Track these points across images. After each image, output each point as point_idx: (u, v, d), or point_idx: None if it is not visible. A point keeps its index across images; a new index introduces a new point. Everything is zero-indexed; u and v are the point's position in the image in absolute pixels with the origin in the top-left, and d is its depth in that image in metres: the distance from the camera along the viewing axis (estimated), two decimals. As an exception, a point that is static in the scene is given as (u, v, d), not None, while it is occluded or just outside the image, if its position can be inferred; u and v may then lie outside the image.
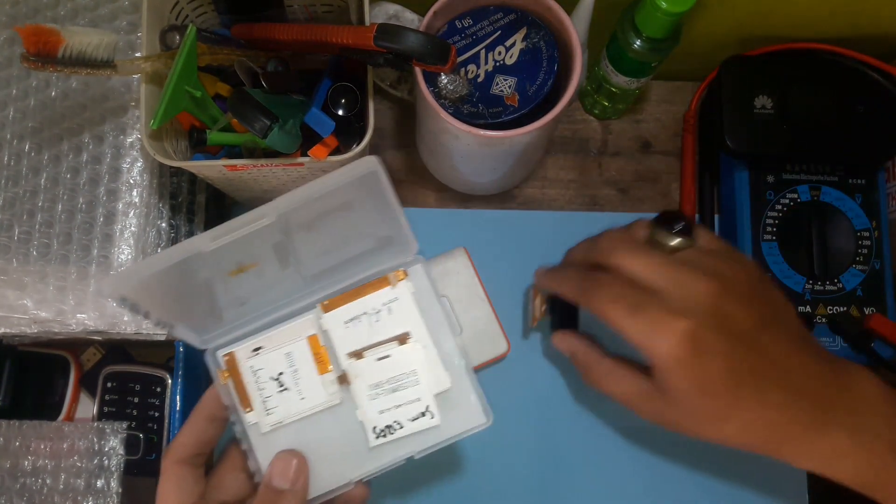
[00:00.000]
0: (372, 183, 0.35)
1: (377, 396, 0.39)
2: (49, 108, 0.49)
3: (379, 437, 0.39)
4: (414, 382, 0.39)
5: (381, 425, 0.39)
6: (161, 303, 0.38)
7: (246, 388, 0.39)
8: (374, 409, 0.39)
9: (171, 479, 0.39)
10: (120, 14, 0.49)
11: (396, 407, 0.39)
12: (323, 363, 0.40)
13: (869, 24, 0.54)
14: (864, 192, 0.56)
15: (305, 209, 0.35)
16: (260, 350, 0.40)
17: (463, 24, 0.47)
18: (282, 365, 0.40)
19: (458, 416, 0.39)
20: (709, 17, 0.53)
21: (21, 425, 0.52)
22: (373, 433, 0.39)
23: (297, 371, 0.39)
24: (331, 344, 0.40)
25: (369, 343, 0.40)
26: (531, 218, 0.60)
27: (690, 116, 0.61)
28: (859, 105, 0.54)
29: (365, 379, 0.39)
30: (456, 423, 0.39)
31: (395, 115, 0.62)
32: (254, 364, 0.40)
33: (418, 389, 0.39)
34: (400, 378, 0.39)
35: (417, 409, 0.39)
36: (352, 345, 0.40)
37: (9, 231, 0.48)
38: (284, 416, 0.39)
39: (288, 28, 0.42)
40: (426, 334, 0.40)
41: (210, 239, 0.34)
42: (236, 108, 0.39)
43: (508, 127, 0.44)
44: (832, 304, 0.55)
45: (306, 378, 0.39)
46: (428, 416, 0.38)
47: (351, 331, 0.40)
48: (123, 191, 0.48)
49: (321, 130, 0.43)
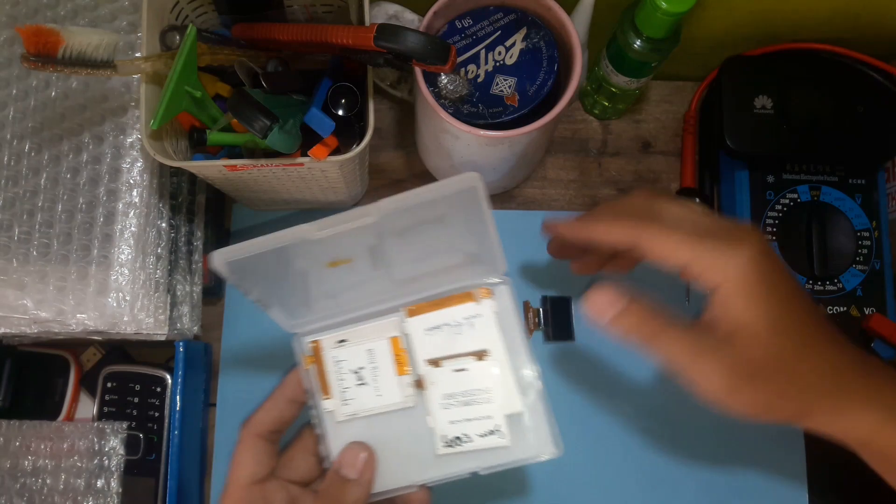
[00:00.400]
0: (470, 199, 0.35)
1: (449, 406, 0.39)
2: (49, 108, 0.49)
3: (447, 447, 0.39)
4: (487, 399, 0.39)
5: (450, 435, 0.39)
6: (261, 282, 0.38)
7: (327, 377, 0.41)
8: (446, 418, 0.39)
9: (248, 450, 0.41)
10: (120, 14, 0.49)
11: (467, 420, 0.39)
12: (402, 365, 0.40)
13: (869, 24, 0.54)
14: (864, 192, 0.56)
15: (403, 215, 0.36)
16: (344, 343, 0.41)
17: (463, 25, 0.47)
18: (363, 360, 0.40)
19: (528, 441, 0.39)
20: (709, 17, 0.53)
21: (21, 425, 0.52)
22: (441, 441, 0.39)
23: (376, 368, 0.40)
24: (411, 348, 0.40)
25: (448, 353, 0.40)
26: (531, 218, 0.60)
27: (690, 116, 0.61)
28: (859, 105, 0.54)
29: (440, 387, 0.40)
30: (525, 447, 0.39)
31: (395, 115, 0.62)
32: (337, 355, 0.41)
33: (491, 407, 0.39)
34: (474, 393, 0.39)
35: (487, 427, 0.39)
36: (431, 352, 0.40)
37: (9, 231, 0.48)
38: (359, 408, 0.40)
39: (288, 28, 0.42)
40: (504, 355, 0.39)
41: (317, 228, 0.35)
42: (236, 108, 0.39)
43: (508, 127, 0.44)
44: (832, 304, 0.55)
45: (384, 376, 0.40)
46: (497, 435, 0.39)
47: (431, 338, 0.40)
48: (123, 191, 0.48)
49: (321, 130, 0.43)
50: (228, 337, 0.58)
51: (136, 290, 0.48)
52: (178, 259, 0.53)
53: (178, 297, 0.52)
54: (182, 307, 0.52)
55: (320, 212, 0.59)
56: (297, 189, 0.50)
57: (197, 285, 0.54)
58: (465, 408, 0.39)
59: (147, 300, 0.49)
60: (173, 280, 0.52)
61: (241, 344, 0.58)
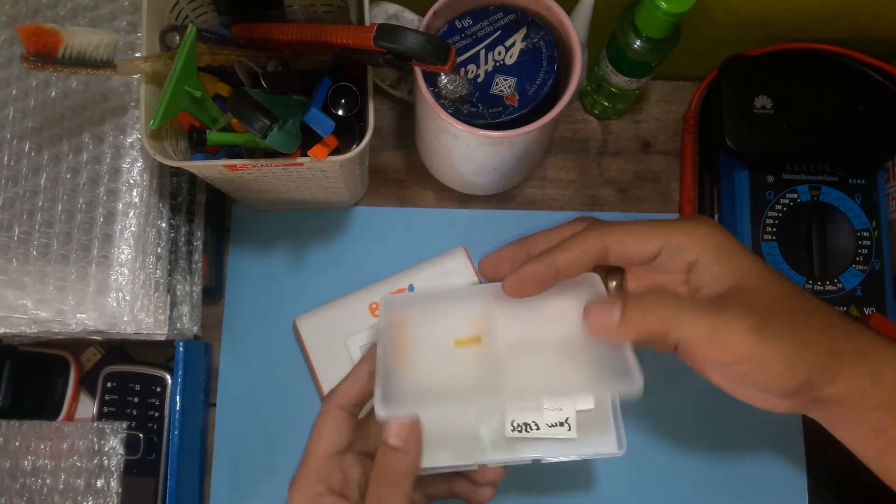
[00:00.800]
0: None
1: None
2: (49, 108, 0.49)
3: (514, 431, 0.39)
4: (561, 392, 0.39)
5: (519, 420, 0.39)
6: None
7: (407, 347, 0.41)
8: (519, 403, 0.39)
9: (330, 420, 0.41)
10: (120, 14, 0.49)
11: (538, 409, 0.39)
12: (484, 347, 0.40)
13: (869, 24, 0.54)
14: (864, 192, 0.56)
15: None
16: (430, 317, 0.41)
17: (463, 24, 0.47)
18: (446, 336, 0.40)
19: (594, 437, 0.39)
20: (709, 17, 0.53)
21: (21, 425, 0.52)
22: (510, 425, 0.39)
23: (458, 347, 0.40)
24: (496, 329, 0.40)
25: (532, 338, 0.40)
26: (531, 218, 0.60)
27: (690, 116, 0.61)
28: (859, 105, 0.54)
29: (518, 372, 0.40)
30: (590, 442, 0.39)
31: (395, 115, 0.62)
32: (421, 327, 0.41)
33: (563, 400, 0.39)
34: (550, 383, 0.39)
35: (558, 418, 0.39)
36: (515, 334, 0.40)
37: (9, 231, 0.48)
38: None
39: (288, 28, 0.42)
40: (581, 352, 0.39)
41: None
42: (236, 108, 0.39)
43: (508, 127, 0.44)
44: (832, 304, 0.55)
45: (464, 354, 0.40)
46: (566, 428, 0.39)
47: (518, 323, 0.40)
48: (123, 191, 0.48)
49: (321, 130, 0.43)
50: (228, 337, 0.58)
51: (136, 290, 0.48)
52: (178, 259, 0.53)
53: (178, 297, 0.52)
54: (182, 307, 0.52)
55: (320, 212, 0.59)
56: (297, 189, 0.50)
57: (197, 285, 0.54)
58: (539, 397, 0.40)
59: (147, 300, 0.49)
60: (173, 280, 0.52)
61: (241, 344, 0.58)
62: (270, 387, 0.57)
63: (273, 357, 0.57)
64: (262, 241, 0.59)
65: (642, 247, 0.36)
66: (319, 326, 0.55)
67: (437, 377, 0.39)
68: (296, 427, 0.56)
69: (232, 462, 0.56)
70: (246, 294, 0.58)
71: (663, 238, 0.36)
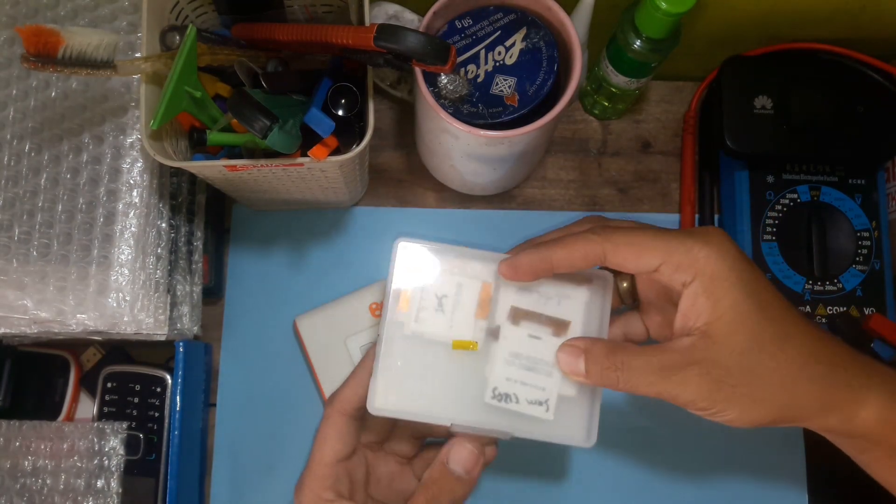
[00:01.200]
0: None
1: (512, 364, 0.40)
2: (49, 108, 0.49)
3: (494, 399, 0.39)
4: (548, 373, 0.40)
5: (501, 389, 0.40)
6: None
7: (409, 293, 0.41)
8: (503, 373, 0.40)
9: (333, 428, 0.41)
10: (120, 14, 0.49)
11: (522, 384, 0.40)
12: (484, 310, 0.41)
13: (869, 24, 0.54)
14: (864, 192, 0.56)
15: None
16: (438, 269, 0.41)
17: (463, 25, 0.47)
18: (449, 290, 0.41)
19: (567, 424, 0.40)
20: (709, 17, 0.53)
21: (21, 425, 0.52)
22: (491, 392, 0.40)
23: (458, 303, 0.41)
24: (497, 297, 0.41)
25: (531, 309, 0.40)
26: (531, 218, 0.60)
27: (690, 116, 0.61)
28: (859, 105, 0.54)
29: (510, 344, 0.40)
30: (562, 428, 0.40)
31: (395, 115, 0.62)
32: (427, 275, 0.41)
33: (548, 381, 0.40)
34: (538, 362, 0.40)
35: (538, 397, 0.39)
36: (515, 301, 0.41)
37: (9, 231, 0.48)
38: (428, 331, 0.40)
39: (288, 28, 0.42)
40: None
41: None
42: (236, 109, 0.39)
43: (508, 127, 0.44)
44: (832, 304, 0.55)
45: (464, 313, 0.40)
46: (544, 408, 0.39)
47: (520, 296, 0.41)
48: (123, 191, 0.49)
49: (321, 131, 0.43)
50: (228, 337, 0.58)
51: (136, 290, 0.48)
52: (178, 259, 0.53)
53: (178, 297, 0.52)
54: (182, 307, 0.52)
55: (320, 212, 0.59)
56: (297, 189, 0.50)
57: (197, 285, 0.54)
58: (525, 371, 0.40)
59: (147, 300, 0.49)
60: (173, 280, 0.52)
61: (241, 344, 0.58)
62: (270, 387, 0.57)
63: (273, 357, 0.57)
64: (262, 241, 0.59)
65: (638, 261, 0.36)
66: (319, 326, 0.55)
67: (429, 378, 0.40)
68: (296, 427, 0.56)
69: (232, 462, 0.56)
70: (246, 294, 0.58)
71: (662, 256, 0.35)
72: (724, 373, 0.34)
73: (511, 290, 0.41)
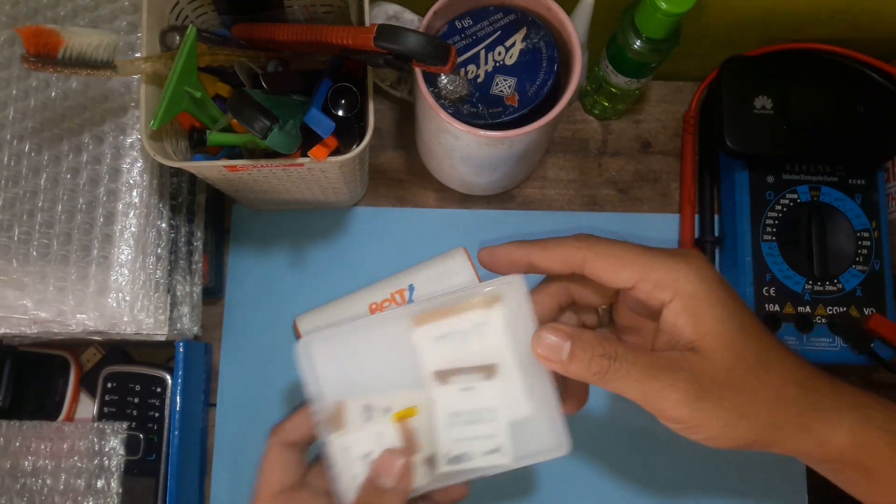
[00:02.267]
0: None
1: (454, 423, 0.38)
2: (49, 108, 0.49)
3: (449, 465, 0.38)
4: (491, 419, 0.38)
5: (453, 453, 0.38)
6: None
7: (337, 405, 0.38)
8: (449, 436, 0.38)
9: (276, 458, 0.39)
10: (120, 14, 0.49)
11: (471, 439, 0.38)
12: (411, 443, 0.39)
13: (869, 24, 0.54)
14: (864, 193, 0.56)
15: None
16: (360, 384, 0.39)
17: (463, 25, 0.47)
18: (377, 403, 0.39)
19: (534, 442, 0.38)
20: (709, 17, 0.53)
21: (21, 425, 0.52)
22: (444, 460, 0.38)
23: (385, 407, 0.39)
24: (418, 362, 0.38)
25: (456, 365, 0.38)
26: (531, 218, 0.60)
27: (690, 116, 0.61)
28: (859, 105, 0.54)
29: (446, 404, 0.38)
30: (531, 448, 0.38)
31: (395, 115, 0.62)
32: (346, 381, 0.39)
33: (495, 425, 0.38)
34: (479, 412, 0.38)
35: (490, 446, 0.38)
36: (438, 362, 0.38)
37: (9, 231, 0.48)
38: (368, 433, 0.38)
39: (288, 28, 0.42)
40: (514, 362, 0.38)
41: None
42: (236, 109, 0.39)
43: (508, 127, 0.44)
44: (832, 304, 0.55)
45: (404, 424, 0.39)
46: (498, 455, 0.38)
47: (436, 348, 0.39)
48: (123, 191, 0.48)
49: (321, 131, 0.43)
50: (228, 337, 0.58)
51: (136, 290, 0.48)
52: (178, 259, 0.53)
53: (178, 298, 0.52)
54: (182, 307, 0.52)
55: (320, 212, 0.59)
56: (297, 189, 0.50)
57: (197, 285, 0.54)
58: (470, 427, 0.38)
59: (147, 300, 0.49)
60: (173, 280, 0.52)
61: (241, 344, 0.58)
62: (270, 387, 0.57)
63: (273, 357, 0.57)
64: (262, 241, 0.59)
65: (616, 273, 0.35)
66: (319, 326, 0.55)
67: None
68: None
69: (232, 462, 0.56)
70: (246, 294, 0.58)
71: (641, 271, 0.34)
72: (712, 384, 0.34)
73: (426, 344, 0.38)
